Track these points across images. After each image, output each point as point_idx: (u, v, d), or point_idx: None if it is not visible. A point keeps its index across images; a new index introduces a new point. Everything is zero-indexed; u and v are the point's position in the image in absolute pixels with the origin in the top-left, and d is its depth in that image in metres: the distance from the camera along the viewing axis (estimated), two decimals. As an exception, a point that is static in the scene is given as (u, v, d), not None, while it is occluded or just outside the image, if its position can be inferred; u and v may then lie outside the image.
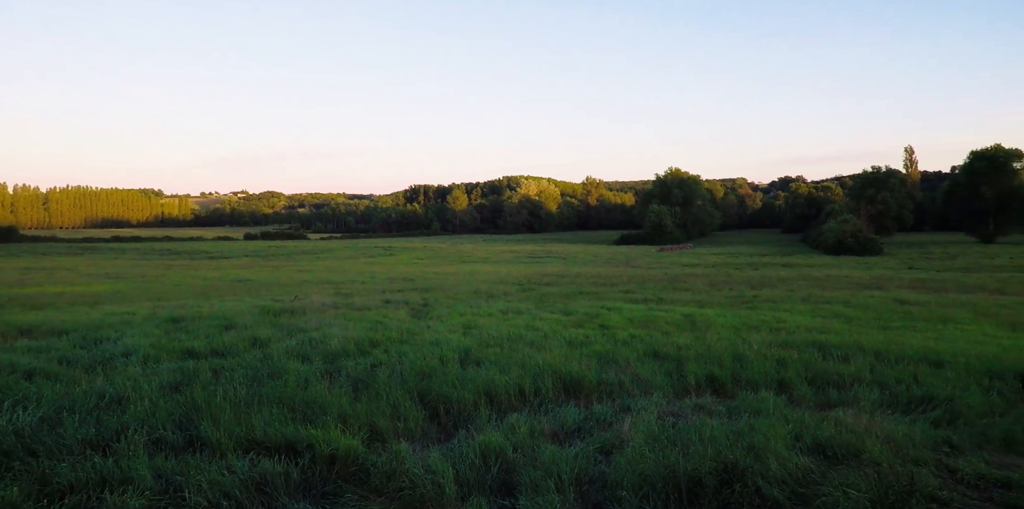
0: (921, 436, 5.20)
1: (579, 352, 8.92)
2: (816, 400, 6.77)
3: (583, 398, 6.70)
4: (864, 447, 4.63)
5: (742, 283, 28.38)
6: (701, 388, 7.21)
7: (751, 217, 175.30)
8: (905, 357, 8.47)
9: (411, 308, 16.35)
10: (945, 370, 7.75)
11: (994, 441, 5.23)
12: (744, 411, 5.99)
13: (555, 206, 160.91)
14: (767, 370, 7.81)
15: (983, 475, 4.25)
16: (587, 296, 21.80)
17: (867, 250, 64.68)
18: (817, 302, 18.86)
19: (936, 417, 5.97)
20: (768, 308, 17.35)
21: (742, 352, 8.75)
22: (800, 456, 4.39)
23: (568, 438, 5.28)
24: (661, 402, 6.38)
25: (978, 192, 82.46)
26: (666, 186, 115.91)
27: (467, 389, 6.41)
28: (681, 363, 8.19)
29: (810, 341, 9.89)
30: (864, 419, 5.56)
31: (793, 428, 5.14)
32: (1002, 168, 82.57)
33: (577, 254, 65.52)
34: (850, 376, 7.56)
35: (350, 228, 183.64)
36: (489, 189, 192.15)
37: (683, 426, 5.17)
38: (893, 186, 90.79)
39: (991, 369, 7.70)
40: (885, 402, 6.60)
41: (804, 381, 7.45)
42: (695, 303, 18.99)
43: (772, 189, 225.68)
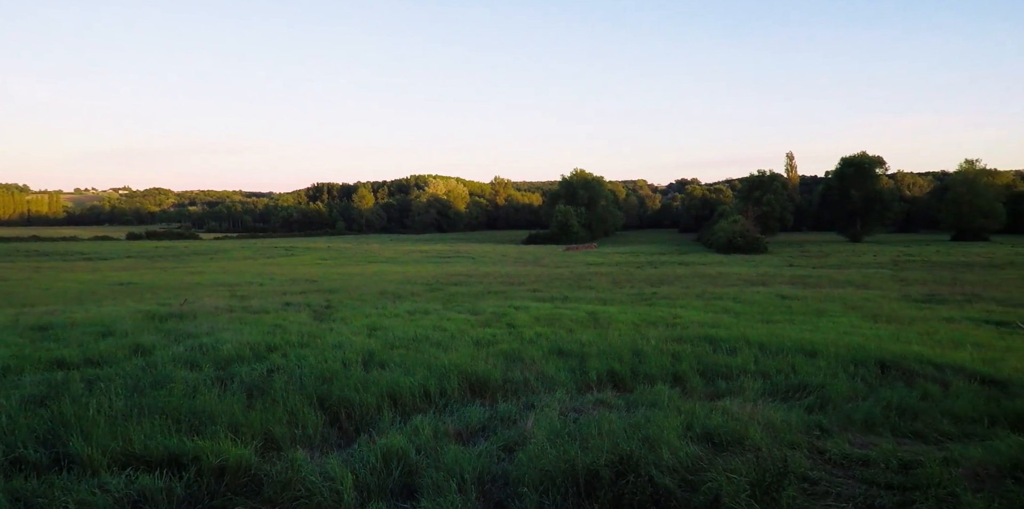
0: (796, 421, 5.64)
1: (486, 351, 8.96)
2: (707, 391, 7.17)
3: (488, 397, 6.73)
4: (747, 433, 4.96)
5: (642, 281, 29.62)
6: (602, 383, 7.44)
7: (651, 217, 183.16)
8: (785, 348, 9.12)
9: (313, 310, 15.77)
10: (818, 359, 8.42)
11: (857, 423, 5.77)
12: (641, 404, 6.25)
13: (464, 206, 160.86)
14: (663, 364, 8.19)
15: (847, 455, 4.67)
16: (495, 295, 21.94)
17: (754, 249, 69.42)
18: (709, 298, 20.02)
19: (810, 403, 6.50)
20: (665, 305, 18.21)
21: (641, 347, 9.10)
22: (690, 445, 4.63)
23: (472, 437, 5.29)
24: (564, 398, 6.53)
25: (848, 195, 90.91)
26: (572, 187, 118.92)
27: (370, 392, 6.27)
28: (584, 359, 8.43)
29: (702, 335, 10.43)
30: (748, 407, 5.95)
31: (685, 418, 5.42)
32: (867, 173, 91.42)
33: (486, 254, 65.82)
34: (737, 367, 8.06)
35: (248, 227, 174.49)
36: (396, 188, 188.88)
37: (584, 421, 5.32)
38: (776, 189, 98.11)
39: (856, 357, 8.46)
40: (767, 391, 7.10)
41: (696, 373, 7.87)
42: (599, 301, 19.61)
43: (670, 191, 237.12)
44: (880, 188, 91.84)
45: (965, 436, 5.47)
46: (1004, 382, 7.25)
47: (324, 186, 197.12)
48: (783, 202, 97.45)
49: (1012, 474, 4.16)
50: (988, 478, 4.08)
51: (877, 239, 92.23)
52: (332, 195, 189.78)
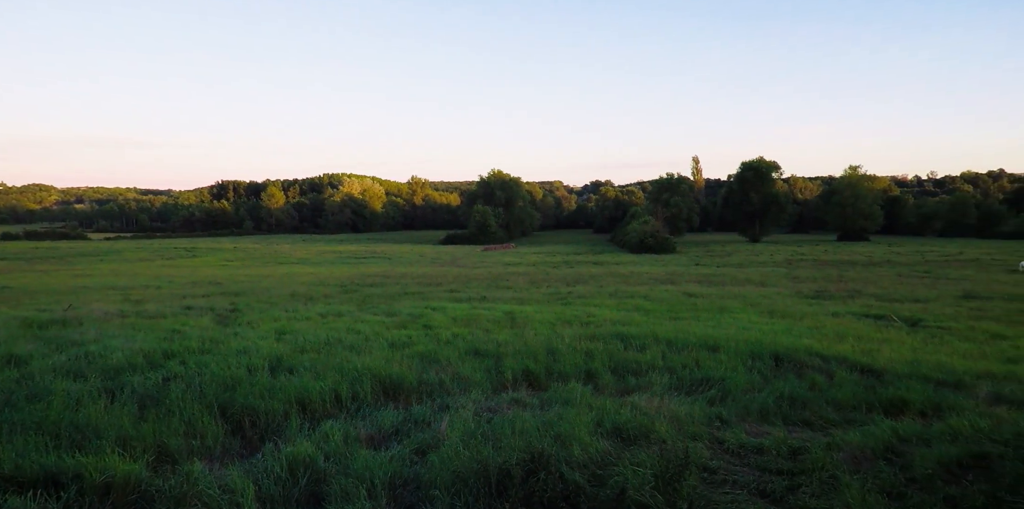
0: (699, 413, 5.93)
1: (401, 353, 8.83)
2: (617, 387, 7.40)
3: (403, 400, 6.63)
4: (654, 427, 5.16)
5: (558, 281, 30.18)
6: (517, 382, 7.51)
7: (567, 218, 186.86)
8: (690, 344, 9.56)
9: (217, 314, 14.96)
10: (720, 354, 8.87)
11: (753, 414, 6.14)
12: (555, 402, 6.36)
13: (380, 205, 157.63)
14: (577, 362, 8.38)
15: (744, 444, 4.96)
16: (412, 296, 21.67)
17: (663, 249, 72.39)
18: (622, 297, 20.69)
19: (711, 396, 6.84)
20: (580, 304, 18.65)
21: (556, 346, 9.26)
22: (600, 440, 4.76)
23: (385, 441, 5.19)
24: (479, 399, 6.54)
25: (747, 198, 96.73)
26: (489, 187, 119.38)
27: (277, 399, 6.01)
28: (500, 359, 8.48)
29: (614, 333, 10.74)
30: (655, 402, 6.20)
31: (596, 415, 5.56)
32: (765, 177, 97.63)
33: (403, 254, 64.88)
34: (646, 363, 8.37)
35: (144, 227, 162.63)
36: (309, 187, 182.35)
37: (498, 421, 5.34)
38: (683, 191, 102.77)
39: (754, 351, 8.98)
40: (673, 385, 7.42)
41: (608, 370, 8.10)
42: (516, 300, 19.81)
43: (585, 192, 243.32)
44: (776, 191, 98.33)
45: (847, 422, 5.94)
46: (880, 371, 7.94)
47: (230, 184, 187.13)
48: (690, 204, 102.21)
49: (884, 456, 4.56)
50: (865, 460, 4.46)
51: (774, 239, 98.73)
52: (239, 193, 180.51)
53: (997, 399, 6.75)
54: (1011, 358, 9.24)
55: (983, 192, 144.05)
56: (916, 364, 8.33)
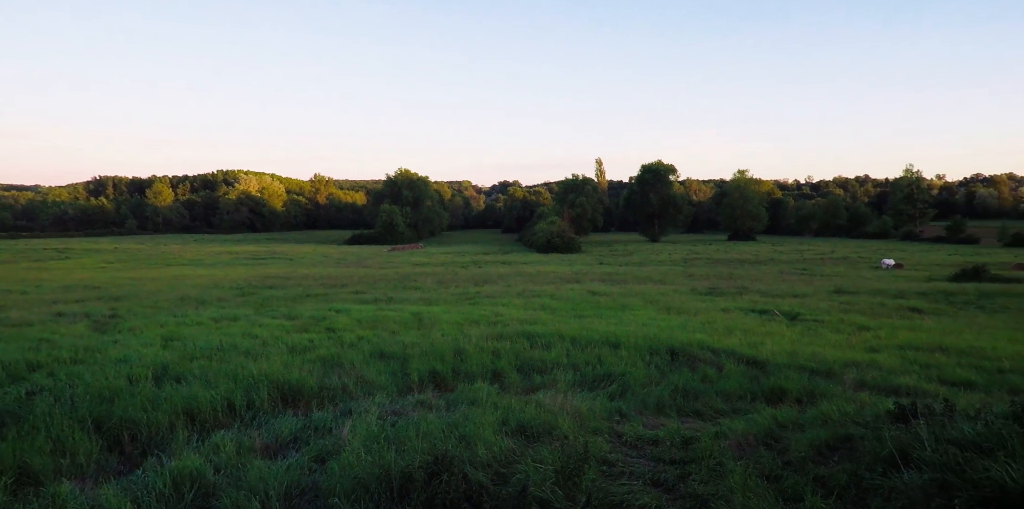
0: (600, 408, 6.14)
1: (302, 358, 8.52)
2: (523, 385, 7.50)
3: (303, 406, 6.39)
4: (557, 424, 5.28)
5: (467, 280, 30.18)
6: (424, 384, 7.45)
7: (476, 218, 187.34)
8: (593, 341, 9.85)
9: (94, 321, 13.76)
10: (621, 350, 9.21)
11: (651, 407, 6.44)
12: (461, 402, 6.36)
13: (280, 204, 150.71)
14: (484, 362, 8.42)
15: (641, 436, 5.19)
16: (315, 298, 20.94)
17: (570, 248, 74.24)
18: (529, 296, 21.01)
19: (612, 391, 7.10)
20: (488, 303, 18.75)
21: (463, 346, 9.26)
22: (505, 439, 4.81)
23: (283, 450, 4.98)
24: (384, 402, 6.42)
25: (647, 199, 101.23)
26: (396, 186, 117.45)
27: (162, 410, 5.61)
28: (406, 361, 8.38)
29: (521, 332, 10.88)
30: (559, 399, 6.34)
31: (501, 414, 5.61)
32: (663, 180, 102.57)
33: (305, 255, 62.46)
34: (551, 361, 8.55)
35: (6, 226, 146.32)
36: (201, 184, 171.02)
37: (403, 424, 5.27)
38: (588, 192, 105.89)
39: (652, 347, 9.40)
40: (577, 382, 7.63)
41: (514, 369, 8.21)
42: (423, 301, 19.61)
43: (494, 192, 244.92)
44: (673, 193, 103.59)
45: (734, 411, 6.36)
46: (763, 363, 8.54)
47: (109, 179, 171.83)
48: (594, 205, 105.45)
49: (765, 442, 4.92)
50: (748, 447, 4.79)
51: (672, 239, 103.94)
52: (120, 190, 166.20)
53: (861, 385, 7.45)
54: (873, 347, 10.23)
55: (852, 196, 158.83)
56: (794, 355, 9.03)
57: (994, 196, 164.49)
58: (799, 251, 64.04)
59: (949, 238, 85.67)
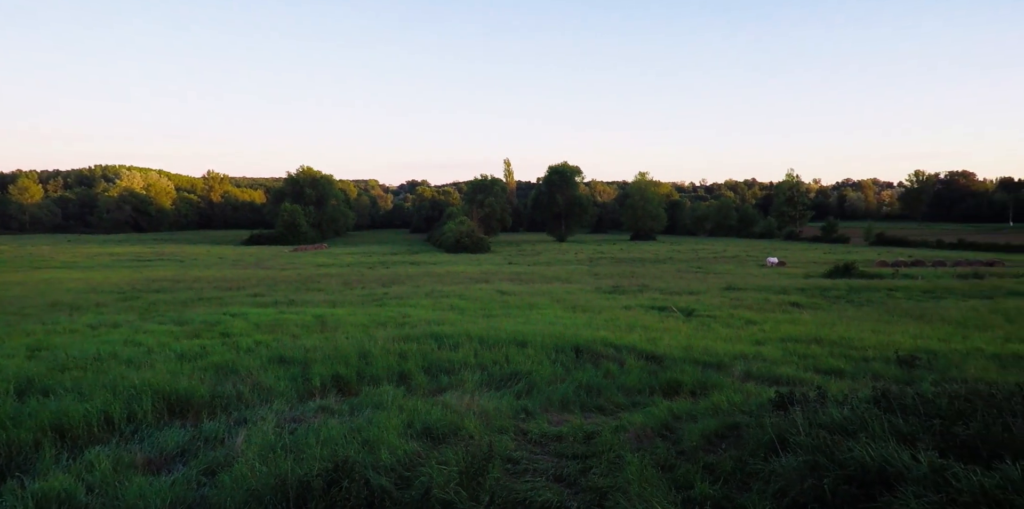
0: (507, 407, 6.20)
1: (192, 365, 8.03)
2: (431, 387, 7.45)
3: (192, 416, 6.00)
4: (463, 424, 5.28)
5: (374, 281, 29.54)
6: (327, 389, 7.22)
7: (383, 217, 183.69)
8: (501, 341, 9.93)
9: (-56, 331, 12.23)
10: (528, 349, 9.35)
11: (556, 404, 6.59)
12: (366, 406, 6.22)
13: (169, 202, 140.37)
14: (390, 364, 8.28)
15: (545, 433, 5.30)
16: (208, 302, 19.75)
17: (479, 248, 74.46)
18: (438, 296, 20.88)
19: (519, 389, 7.20)
20: (396, 304, 18.46)
21: (368, 349, 9.06)
22: (410, 441, 4.75)
23: (168, 464, 4.65)
24: (283, 409, 6.16)
25: (554, 199, 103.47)
26: (299, 185, 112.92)
27: (25, 427, 5.08)
28: (308, 366, 8.09)
29: (429, 333, 10.80)
30: (466, 399, 6.35)
31: (407, 416, 5.54)
32: (569, 181, 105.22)
33: (198, 256, 58.71)
34: (459, 362, 8.54)
35: None
36: (76, 180, 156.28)
37: (302, 431, 5.08)
38: (497, 193, 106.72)
39: (558, 345, 9.61)
40: (484, 381, 7.66)
41: (422, 371, 8.13)
42: (328, 303, 19.00)
43: (402, 191, 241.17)
44: (579, 194, 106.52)
45: (634, 405, 6.62)
46: (661, 357, 8.96)
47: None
48: (503, 205, 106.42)
49: (661, 433, 5.17)
50: (646, 438, 5.01)
51: (578, 239, 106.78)
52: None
53: (748, 376, 7.99)
54: (759, 340, 11.00)
55: (741, 198, 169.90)
56: (689, 349, 9.55)
57: (861, 199, 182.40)
58: (695, 250, 67.70)
59: (824, 238, 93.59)
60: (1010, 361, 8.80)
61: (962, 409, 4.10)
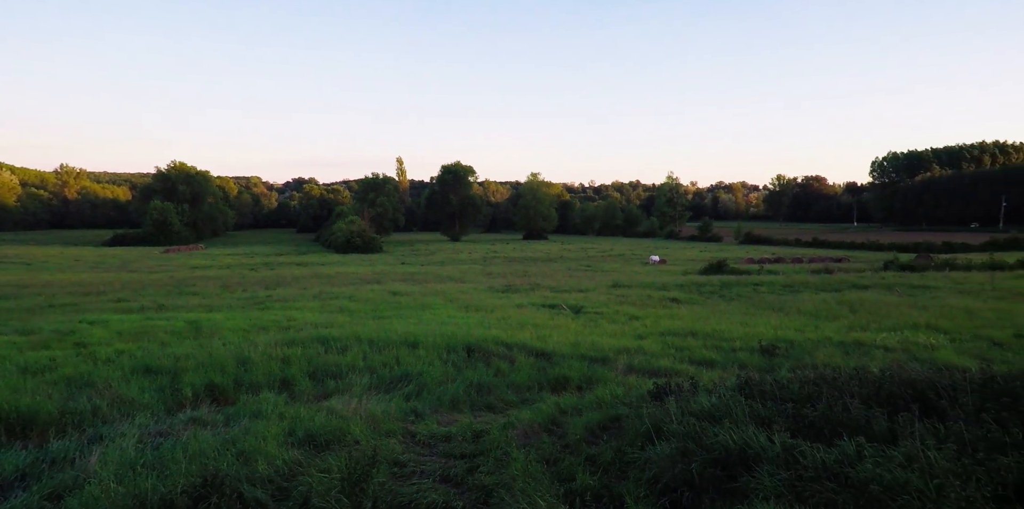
0: (396, 410, 6.10)
1: (38, 380, 7.23)
2: (315, 392, 7.16)
3: (37, 436, 5.37)
4: (349, 429, 5.12)
5: (257, 284, 28.00)
6: (199, 399, 6.74)
7: (267, 217, 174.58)
8: (392, 342, 9.76)
9: None
10: (419, 350, 9.25)
11: (446, 404, 6.56)
12: (243, 415, 5.87)
13: (13, 198, 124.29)
14: (272, 370, 7.88)
15: (434, 434, 5.26)
16: (61, 309, 17.81)
17: (371, 248, 72.67)
18: (326, 298, 20.14)
19: (409, 391, 7.10)
20: (280, 307, 17.59)
21: (248, 355, 8.57)
22: (291, 450, 4.54)
23: (5, 491, 4.12)
24: (148, 422, 5.67)
25: (448, 199, 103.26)
26: (170, 181, 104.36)
27: None
28: (178, 375, 7.53)
29: (315, 336, 10.40)
30: (353, 403, 6.16)
31: (288, 424, 5.29)
32: (462, 180, 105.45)
33: (50, 258, 52.71)
34: (347, 365, 8.29)
35: None
36: None
37: (169, 445, 4.69)
38: (389, 191, 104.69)
39: (449, 345, 9.59)
40: (373, 385, 7.49)
41: (306, 376, 7.80)
42: (203, 308, 17.76)
43: (287, 189, 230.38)
44: (473, 194, 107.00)
45: (523, 402, 6.74)
46: (550, 354, 9.19)
47: None
48: (395, 204, 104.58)
49: (548, 428, 5.30)
50: (533, 434, 5.12)
51: (472, 238, 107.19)
52: None
53: (631, 369, 8.39)
54: (641, 335, 11.57)
55: (627, 199, 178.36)
56: (577, 345, 9.86)
57: (732, 201, 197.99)
58: (584, 249, 70.12)
59: (700, 237, 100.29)
60: (852, 348, 9.87)
61: (811, 393, 4.54)
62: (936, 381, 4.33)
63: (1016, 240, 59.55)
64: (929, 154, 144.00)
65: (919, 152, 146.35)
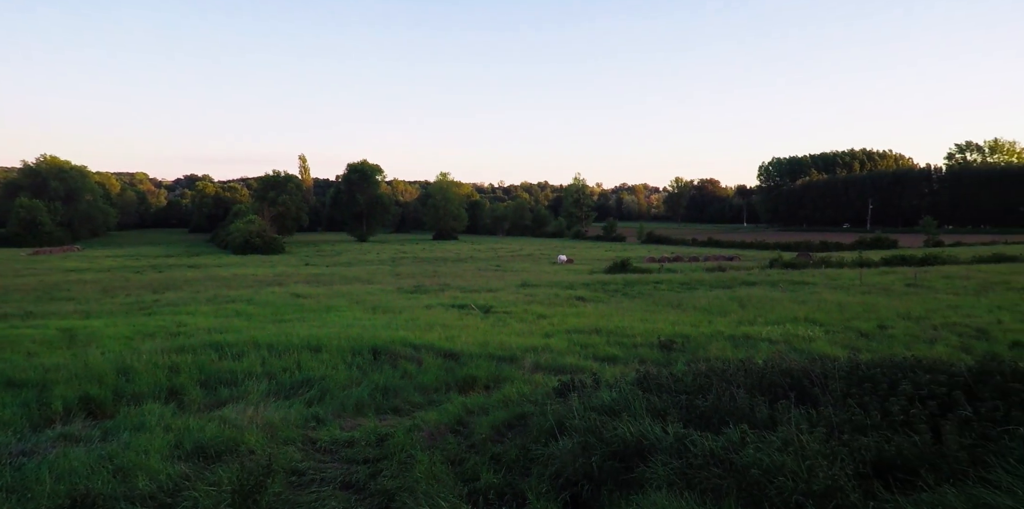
0: (296, 416, 5.85)
1: None
2: (207, 401, 6.75)
3: None
4: (243, 439, 4.86)
5: (143, 287, 26.06)
6: (72, 414, 6.17)
7: (156, 216, 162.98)
8: (293, 346, 9.36)
9: None
10: (323, 353, 8.94)
11: (350, 408, 6.38)
12: (124, 429, 5.43)
13: None
14: (158, 379, 7.36)
15: (336, 439, 5.10)
16: (-98, 319, 15.72)
17: (272, 249, 69.57)
18: (222, 302, 19.04)
19: (310, 397, 6.84)
20: (169, 312, 16.47)
21: (131, 364, 7.95)
22: (177, 464, 4.24)
23: None
24: (9, 441, 5.11)
25: (355, 198, 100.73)
26: (40, 176, 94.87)
27: None
28: (47, 388, 6.87)
29: (208, 342, 9.81)
30: (249, 411, 5.86)
31: (175, 436, 4.95)
32: (370, 180, 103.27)
33: None
34: (243, 372, 7.87)
35: None
36: None
37: (33, 466, 4.25)
38: (292, 190, 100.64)
39: (355, 347, 9.33)
40: (272, 391, 7.15)
41: (197, 384, 7.34)
42: (79, 314, 16.33)
43: (178, 187, 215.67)
44: (381, 193, 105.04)
45: (430, 404, 6.67)
46: (459, 354, 9.16)
47: None
48: (299, 203, 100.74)
49: (454, 428, 5.28)
50: (439, 435, 5.08)
51: (380, 238, 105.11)
52: None
53: (537, 367, 8.52)
54: (548, 333, 11.79)
55: (535, 199, 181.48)
56: (485, 345, 9.89)
57: (635, 202, 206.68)
58: (494, 249, 70.60)
59: (606, 236, 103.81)
60: (741, 341, 10.54)
61: (703, 385, 4.80)
62: (810, 370, 4.72)
63: (880, 239, 66.17)
64: (808, 160, 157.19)
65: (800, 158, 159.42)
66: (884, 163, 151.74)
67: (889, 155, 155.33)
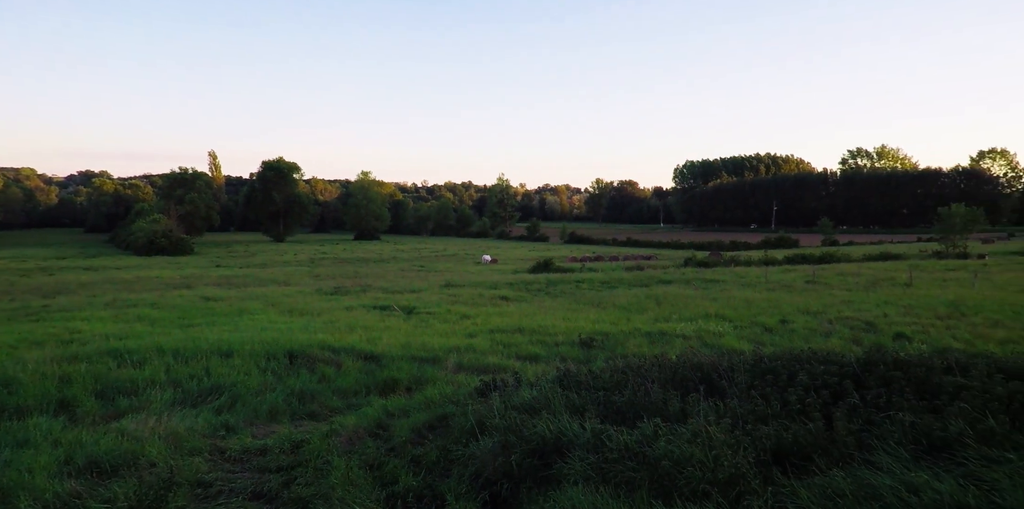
0: (203, 425, 5.55)
1: None
2: (104, 413, 6.29)
3: None
4: (144, 451, 4.55)
5: (30, 292, 24.01)
6: (-60, 434, 5.56)
7: (45, 214, 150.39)
8: (201, 352, 8.87)
9: None
10: (234, 359, 8.51)
11: (263, 415, 6.12)
12: (4, 446, 4.97)
13: None
14: (47, 391, 6.78)
15: (247, 448, 4.87)
16: None
17: (179, 250, 65.74)
18: (122, 306, 17.82)
19: (220, 404, 6.50)
20: (61, 318, 15.25)
21: (13, 375, 7.30)
22: (66, 481, 3.92)
23: None
24: None
25: (271, 197, 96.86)
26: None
27: None
28: (-93, 407, 6.16)
29: (105, 349, 9.14)
30: (151, 422, 5.50)
31: (65, 451, 4.58)
32: (287, 178, 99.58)
33: None
34: (144, 380, 7.38)
35: None
36: None
37: None
38: (201, 188, 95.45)
39: (269, 352, 8.95)
40: (177, 400, 6.75)
41: (92, 395, 6.82)
42: (-49, 322, 14.78)
43: (72, 183, 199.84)
44: (298, 192, 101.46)
45: (349, 408, 6.50)
46: (380, 356, 8.98)
47: None
48: (209, 201, 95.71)
49: (374, 432, 5.17)
50: (358, 440, 4.95)
51: (298, 239, 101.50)
52: None
53: (460, 367, 8.49)
54: (471, 333, 11.78)
55: (459, 199, 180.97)
56: (407, 346, 9.76)
57: (558, 202, 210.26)
58: (417, 249, 69.82)
59: (529, 236, 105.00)
60: (657, 337, 10.94)
61: (620, 381, 4.94)
62: (719, 364, 4.96)
63: (783, 239, 70.60)
64: (719, 163, 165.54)
65: (711, 161, 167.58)
66: (787, 167, 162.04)
67: (791, 159, 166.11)
